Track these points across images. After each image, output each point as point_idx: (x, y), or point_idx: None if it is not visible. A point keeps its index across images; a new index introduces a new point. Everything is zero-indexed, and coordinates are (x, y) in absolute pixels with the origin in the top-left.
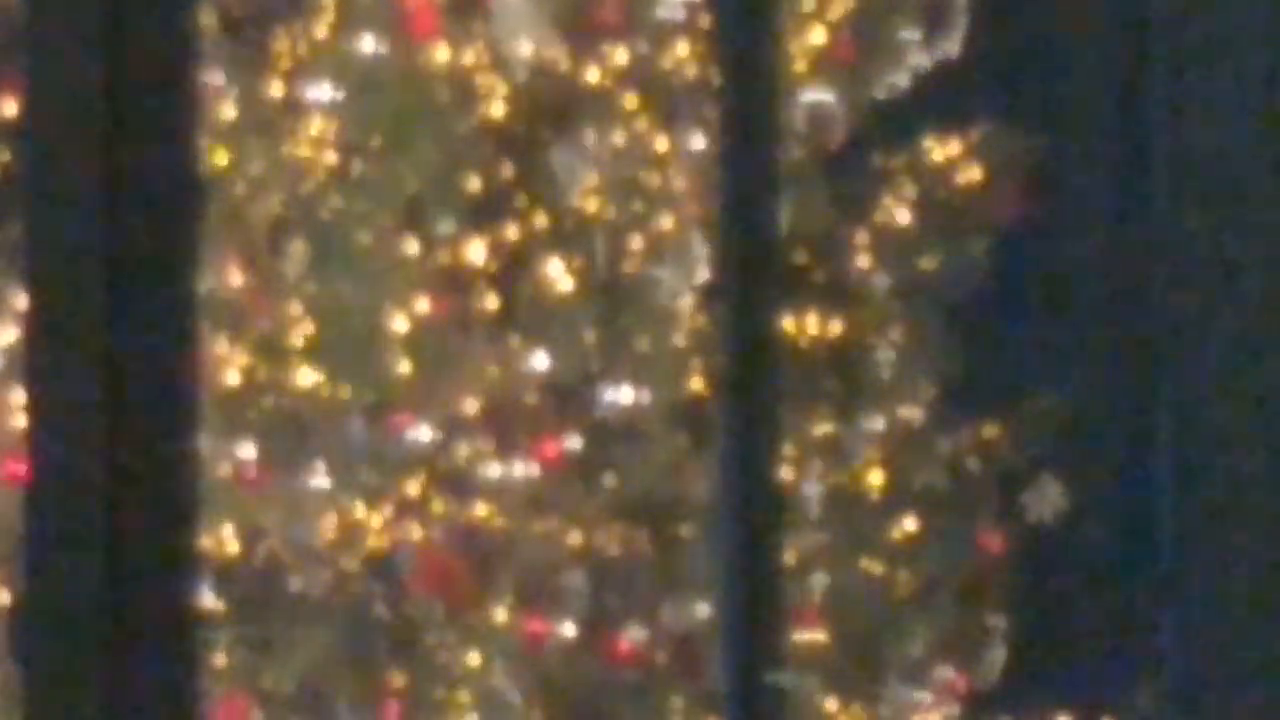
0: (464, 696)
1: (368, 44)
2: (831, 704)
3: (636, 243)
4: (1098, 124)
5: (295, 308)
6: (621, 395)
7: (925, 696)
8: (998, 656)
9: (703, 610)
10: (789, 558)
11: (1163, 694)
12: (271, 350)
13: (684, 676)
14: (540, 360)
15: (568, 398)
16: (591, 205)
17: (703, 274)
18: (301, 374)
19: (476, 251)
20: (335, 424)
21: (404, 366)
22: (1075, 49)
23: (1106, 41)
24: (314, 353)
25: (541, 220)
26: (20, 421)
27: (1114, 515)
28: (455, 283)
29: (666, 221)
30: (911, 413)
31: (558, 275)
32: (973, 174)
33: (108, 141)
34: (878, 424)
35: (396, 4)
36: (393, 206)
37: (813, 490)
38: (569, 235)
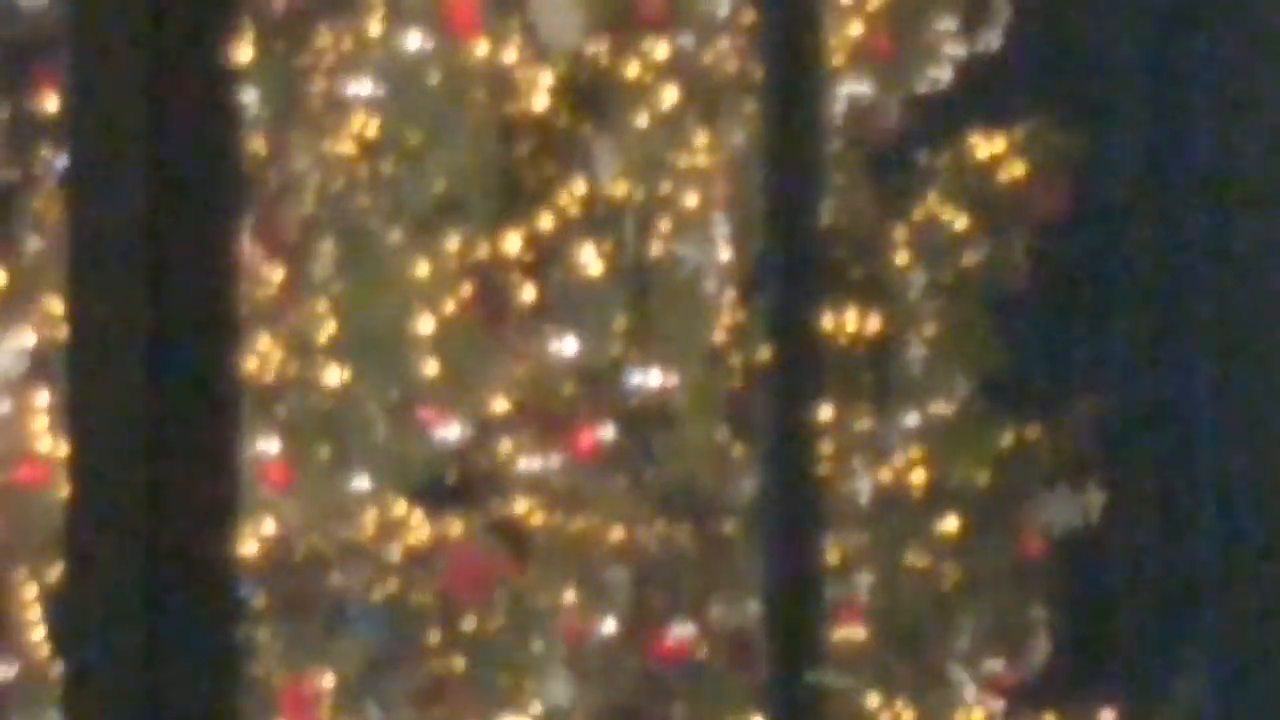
0: (525, 685)
1: (412, 40)
2: (874, 700)
3: (670, 233)
4: (1141, 121)
5: (321, 306)
6: (651, 379)
7: (969, 692)
8: (1041, 650)
9: (748, 606)
10: (833, 555)
11: (1206, 687)
12: (300, 347)
13: (729, 672)
14: (572, 347)
15: (601, 385)
16: (627, 197)
17: (725, 255)
18: (329, 372)
19: (512, 242)
20: (362, 423)
21: (430, 366)
22: (1118, 44)
23: (1149, 37)
24: (340, 351)
25: (575, 211)
26: (39, 424)
27: (1156, 510)
28: (490, 273)
29: (693, 205)
30: (950, 410)
31: (590, 263)
32: (1016, 170)
33: (149, 138)
34: (917, 421)
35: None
36: (422, 207)
37: (861, 486)
38: (605, 226)
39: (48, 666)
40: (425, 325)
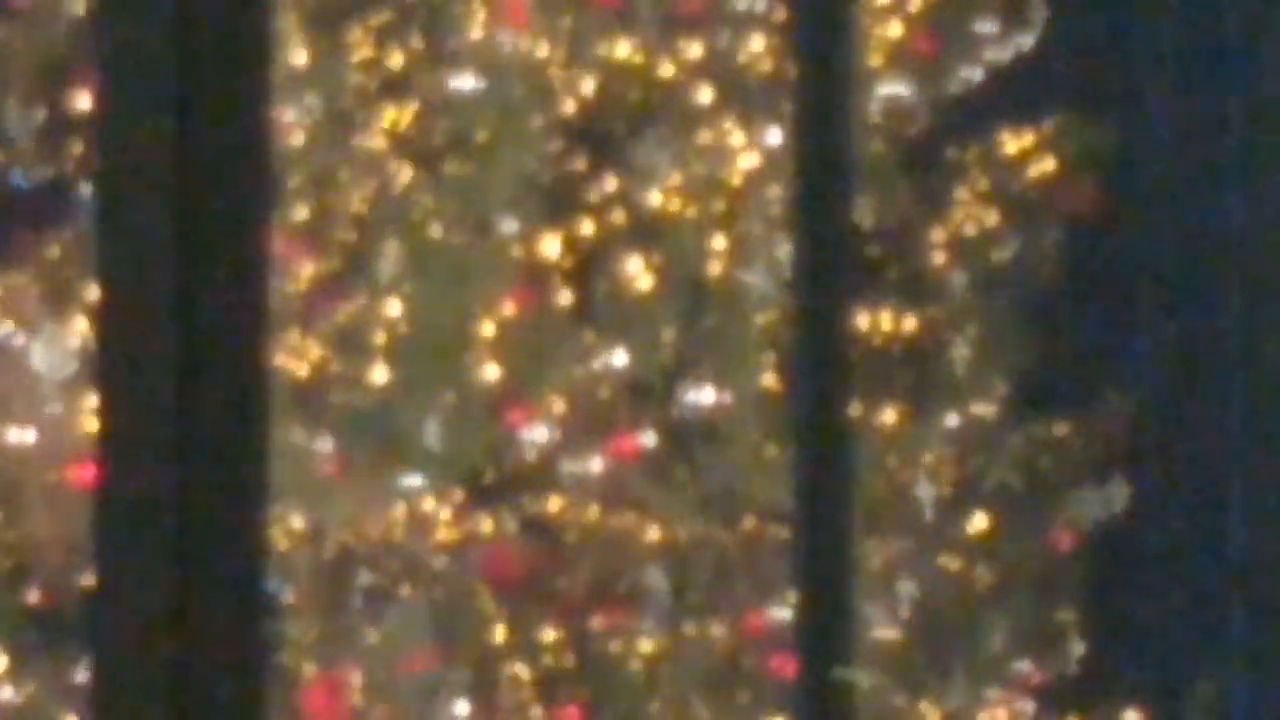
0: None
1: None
2: (903, 699)
3: (715, 241)
4: (1171, 117)
5: (383, 305)
6: (703, 395)
7: (996, 692)
8: (1073, 650)
9: (783, 606)
10: (872, 557)
11: (1233, 685)
12: (351, 345)
13: (760, 671)
14: (620, 357)
15: (646, 395)
16: (669, 201)
17: (785, 274)
18: (377, 371)
19: (553, 247)
20: (412, 422)
21: (491, 370)
22: (1149, 41)
23: (1180, 33)
24: (394, 351)
25: (619, 217)
26: (90, 425)
27: (1185, 509)
28: (535, 279)
29: (746, 221)
30: (985, 409)
31: (636, 272)
32: (1046, 165)
33: (180, 136)
34: (952, 420)
35: None
36: (483, 207)
37: (896, 486)
38: (646, 231)
39: None
40: (486, 329)
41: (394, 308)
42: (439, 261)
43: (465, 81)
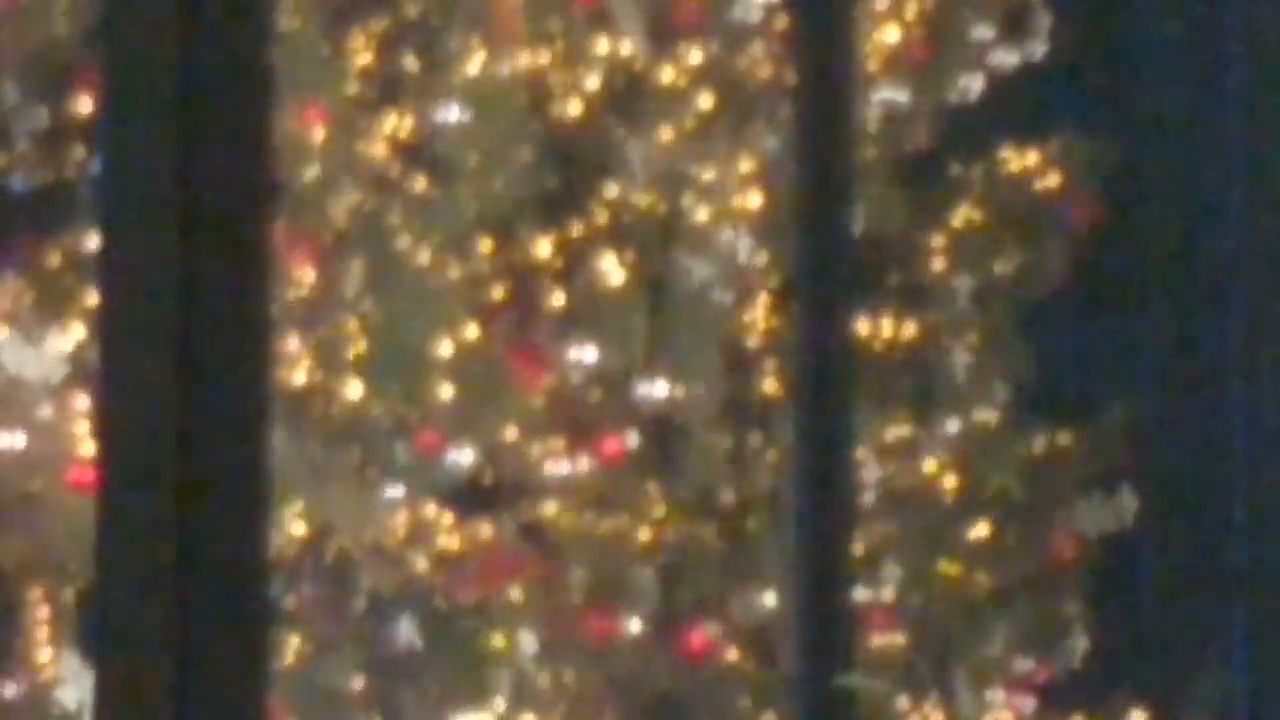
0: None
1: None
2: (903, 703)
3: (696, 241)
4: (1174, 131)
5: (351, 322)
6: (660, 390)
7: (999, 694)
8: (1078, 650)
9: (772, 604)
10: (864, 559)
11: (1237, 689)
12: (329, 359)
13: (754, 671)
14: (592, 355)
15: (620, 393)
16: (657, 203)
17: (739, 266)
18: (351, 387)
19: (542, 248)
20: (377, 437)
21: (445, 390)
22: (1152, 56)
23: (1183, 48)
24: (362, 367)
25: (603, 218)
26: (84, 428)
27: (1188, 515)
28: (519, 281)
29: (726, 219)
30: (985, 416)
31: (613, 271)
32: (1049, 180)
33: (182, 140)
34: (952, 427)
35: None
36: (452, 226)
37: (892, 490)
38: (631, 233)
39: (53, 686)
40: (444, 348)
41: (364, 322)
42: (405, 279)
43: (449, 109)
